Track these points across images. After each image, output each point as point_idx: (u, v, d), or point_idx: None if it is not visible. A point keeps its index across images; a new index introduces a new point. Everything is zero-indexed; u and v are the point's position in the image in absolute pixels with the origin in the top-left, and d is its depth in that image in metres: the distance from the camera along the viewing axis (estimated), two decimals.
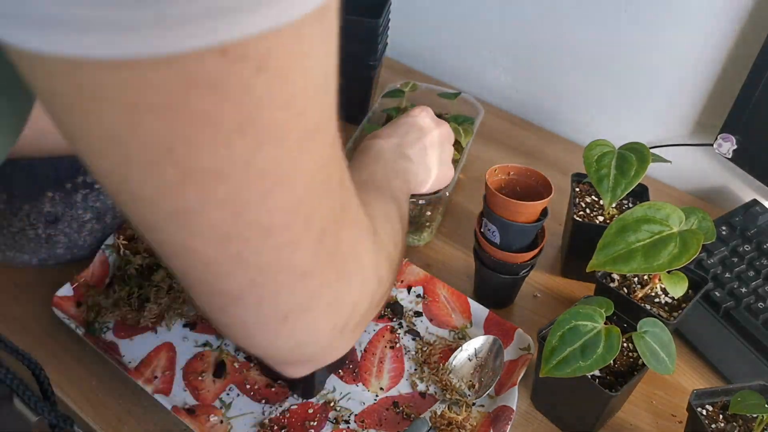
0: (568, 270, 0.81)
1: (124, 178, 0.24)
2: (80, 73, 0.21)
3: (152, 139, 0.22)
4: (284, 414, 0.64)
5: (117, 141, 0.23)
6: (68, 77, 0.21)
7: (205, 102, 0.22)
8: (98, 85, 0.21)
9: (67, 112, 0.23)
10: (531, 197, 0.69)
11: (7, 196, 0.68)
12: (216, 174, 0.24)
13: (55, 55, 0.20)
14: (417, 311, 0.75)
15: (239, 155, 0.23)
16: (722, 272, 0.78)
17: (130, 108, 0.21)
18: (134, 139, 0.22)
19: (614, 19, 0.94)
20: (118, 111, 0.21)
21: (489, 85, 1.12)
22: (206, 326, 0.71)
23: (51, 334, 0.69)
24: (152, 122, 0.22)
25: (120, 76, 0.21)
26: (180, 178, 0.24)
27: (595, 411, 0.62)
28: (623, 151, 0.71)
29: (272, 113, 0.23)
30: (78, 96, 0.21)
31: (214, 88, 0.21)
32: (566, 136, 1.07)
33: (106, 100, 0.21)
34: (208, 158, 0.23)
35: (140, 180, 0.24)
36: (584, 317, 0.58)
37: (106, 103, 0.21)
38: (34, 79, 0.22)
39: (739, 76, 0.84)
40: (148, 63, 0.20)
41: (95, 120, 0.22)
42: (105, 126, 0.22)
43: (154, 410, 0.64)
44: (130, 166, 0.23)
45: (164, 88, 0.21)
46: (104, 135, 0.23)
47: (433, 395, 0.67)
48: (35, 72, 0.22)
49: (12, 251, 0.74)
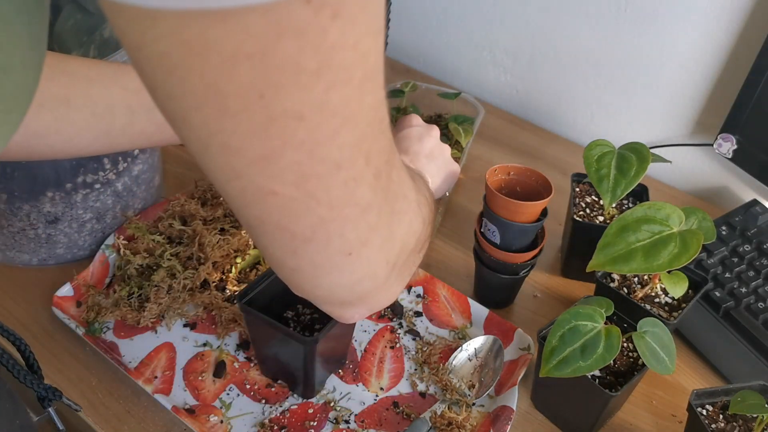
0: (568, 270, 0.81)
1: (217, 129, 0.27)
2: (189, 28, 0.23)
3: (246, 86, 0.25)
4: (284, 414, 0.64)
5: (215, 91, 0.25)
6: (177, 35, 0.23)
7: (291, 48, 0.24)
8: (204, 38, 0.23)
9: (171, 72, 0.25)
10: (531, 197, 0.69)
11: (7, 196, 0.68)
12: (297, 116, 0.26)
13: (170, 9, 0.22)
14: (417, 311, 0.75)
15: (316, 96, 0.26)
16: (722, 272, 0.78)
17: (230, 58, 0.24)
18: (231, 87, 0.25)
19: (614, 19, 0.94)
20: (220, 62, 0.24)
21: (489, 85, 1.12)
22: (206, 326, 0.71)
23: (51, 334, 0.69)
24: (248, 70, 0.24)
25: (224, 28, 0.23)
26: (267, 122, 0.26)
27: (595, 411, 0.62)
28: (623, 151, 0.71)
29: (343, 55, 0.26)
30: (185, 52, 0.24)
31: (299, 34, 0.24)
32: (566, 136, 1.07)
33: (210, 52, 0.24)
34: (291, 101, 0.26)
35: (231, 129, 0.27)
36: (584, 317, 0.58)
37: (209, 55, 0.24)
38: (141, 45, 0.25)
39: (739, 76, 0.84)
40: (248, 12, 0.23)
41: (197, 74, 0.25)
42: (206, 79, 0.25)
43: (154, 410, 0.64)
44: (224, 115, 0.26)
45: (260, 36, 0.23)
46: (204, 88, 0.25)
47: (433, 395, 0.67)
48: (145, 36, 0.24)
49: (12, 251, 0.74)
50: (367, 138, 0.30)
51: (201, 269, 0.72)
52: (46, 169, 0.67)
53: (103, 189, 0.72)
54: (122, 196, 0.75)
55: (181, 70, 0.25)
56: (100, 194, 0.72)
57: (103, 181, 0.72)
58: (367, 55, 0.27)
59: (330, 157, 0.29)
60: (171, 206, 0.79)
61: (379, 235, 0.35)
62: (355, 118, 0.29)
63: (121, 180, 0.74)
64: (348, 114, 0.28)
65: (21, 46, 0.30)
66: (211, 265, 0.73)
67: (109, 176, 0.72)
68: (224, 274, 0.75)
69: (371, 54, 0.28)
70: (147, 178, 0.78)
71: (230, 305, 0.72)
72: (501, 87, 1.11)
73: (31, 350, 0.53)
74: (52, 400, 0.53)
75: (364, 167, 0.31)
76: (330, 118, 0.27)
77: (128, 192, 0.76)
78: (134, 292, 0.71)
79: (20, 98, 0.32)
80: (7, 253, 0.74)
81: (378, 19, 0.28)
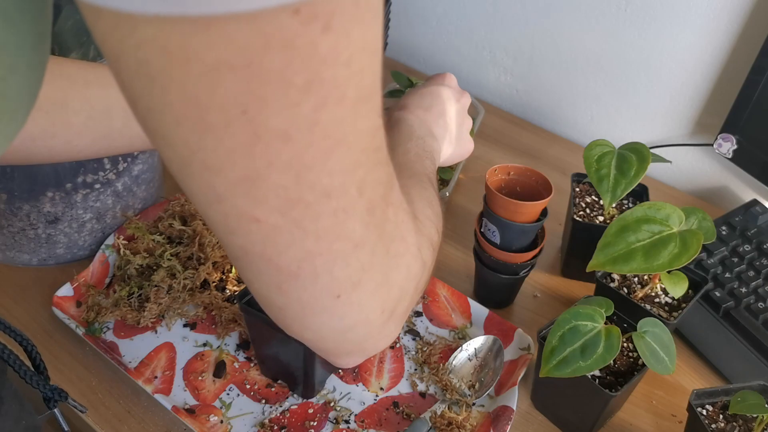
0: (568, 270, 0.81)
1: (198, 146, 0.25)
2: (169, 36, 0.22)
3: (229, 100, 0.24)
4: (284, 414, 0.64)
5: (196, 105, 0.24)
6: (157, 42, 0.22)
7: (278, 61, 0.23)
8: (186, 46, 0.22)
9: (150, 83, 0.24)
10: (531, 197, 0.69)
11: (7, 196, 0.68)
12: (283, 135, 0.25)
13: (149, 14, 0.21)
14: (417, 311, 0.75)
15: (305, 114, 0.25)
16: (722, 272, 0.78)
17: (212, 69, 0.23)
18: (213, 101, 0.24)
19: (614, 19, 0.94)
20: (201, 73, 0.23)
21: (489, 85, 1.12)
22: (206, 326, 0.71)
23: (51, 334, 0.69)
24: (231, 83, 0.23)
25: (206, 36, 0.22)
26: (250, 140, 0.25)
27: (595, 411, 0.62)
28: (623, 151, 0.71)
29: (335, 71, 0.25)
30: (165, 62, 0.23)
31: (287, 46, 0.23)
32: (566, 136, 1.07)
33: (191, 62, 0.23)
34: (277, 118, 0.24)
35: (213, 146, 0.25)
36: (584, 317, 0.58)
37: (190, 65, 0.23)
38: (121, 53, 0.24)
39: (739, 76, 0.84)
40: (232, 20, 0.22)
41: (178, 86, 0.24)
42: (187, 91, 0.24)
43: (154, 410, 0.64)
44: (205, 131, 0.25)
45: (244, 47, 0.22)
46: (184, 101, 0.24)
47: (433, 395, 0.67)
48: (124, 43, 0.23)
49: (12, 251, 0.74)
50: (360, 166, 0.28)
51: (201, 269, 0.72)
52: (46, 169, 0.67)
53: (103, 189, 0.72)
54: (122, 196, 0.75)
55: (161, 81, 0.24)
56: (100, 194, 0.73)
57: (103, 181, 0.72)
58: (362, 74, 0.26)
59: (319, 183, 0.27)
60: (171, 206, 0.79)
61: (372, 278, 0.32)
62: (348, 142, 0.27)
63: (121, 180, 0.74)
64: (340, 137, 0.26)
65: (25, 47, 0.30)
66: (211, 265, 0.73)
67: (109, 176, 0.72)
68: (224, 274, 0.75)
69: (366, 73, 0.26)
70: (147, 178, 0.78)
71: (230, 305, 0.72)
72: (501, 87, 1.11)
73: (37, 351, 0.53)
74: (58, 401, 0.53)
75: (357, 198, 0.29)
76: (320, 139, 0.26)
77: (128, 192, 0.76)
78: (134, 292, 0.71)
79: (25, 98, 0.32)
80: (7, 253, 0.74)
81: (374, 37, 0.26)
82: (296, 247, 0.29)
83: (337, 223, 0.29)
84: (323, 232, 0.29)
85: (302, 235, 0.28)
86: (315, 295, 0.31)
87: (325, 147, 0.26)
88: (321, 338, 0.35)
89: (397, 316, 0.36)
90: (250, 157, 0.25)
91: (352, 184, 0.28)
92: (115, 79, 0.25)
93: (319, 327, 0.34)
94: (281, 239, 0.29)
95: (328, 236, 0.29)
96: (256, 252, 0.29)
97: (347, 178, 0.28)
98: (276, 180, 0.26)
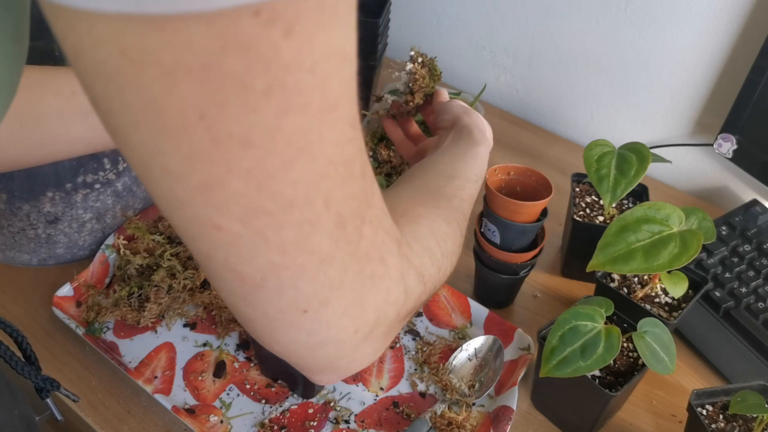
0: (568, 270, 0.81)
1: (156, 150, 0.25)
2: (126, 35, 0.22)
3: (186, 103, 0.23)
4: (284, 414, 0.64)
5: (153, 107, 0.23)
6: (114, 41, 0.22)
7: (237, 64, 0.22)
8: (142, 47, 0.22)
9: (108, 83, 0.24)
10: (531, 197, 0.69)
11: (7, 196, 0.68)
12: (243, 141, 0.24)
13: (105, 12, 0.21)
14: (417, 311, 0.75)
15: (265, 121, 0.24)
16: (722, 272, 0.78)
17: (169, 70, 0.22)
18: (170, 104, 0.23)
19: (614, 19, 0.94)
20: (158, 74, 0.22)
21: (489, 85, 1.12)
22: (206, 326, 0.71)
23: (51, 334, 0.69)
24: (188, 85, 0.23)
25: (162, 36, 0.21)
26: (209, 146, 0.24)
27: (595, 411, 0.62)
28: (623, 151, 0.71)
29: (298, 77, 0.24)
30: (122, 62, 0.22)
31: (246, 49, 0.22)
32: (566, 136, 1.07)
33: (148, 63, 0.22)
34: (237, 124, 0.24)
35: (171, 151, 0.25)
36: (584, 317, 0.58)
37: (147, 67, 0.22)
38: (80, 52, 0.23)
39: (739, 76, 0.84)
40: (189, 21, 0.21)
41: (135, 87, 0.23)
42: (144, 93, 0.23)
43: (154, 410, 0.64)
44: (162, 135, 0.24)
45: (202, 48, 0.22)
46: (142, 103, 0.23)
47: (433, 395, 0.67)
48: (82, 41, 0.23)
49: (12, 251, 0.74)
50: (327, 177, 0.27)
51: (201, 269, 0.72)
52: (46, 169, 0.67)
53: (103, 189, 0.72)
54: (122, 196, 0.75)
55: (118, 82, 0.23)
56: (100, 194, 0.72)
57: (103, 181, 0.72)
58: (327, 82, 0.25)
59: (282, 192, 0.26)
60: None
61: (343, 296, 0.31)
62: (312, 152, 0.26)
63: (121, 180, 0.74)
64: (303, 146, 0.25)
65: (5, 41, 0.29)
66: None
67: (109, 176, 0.72)
68: None
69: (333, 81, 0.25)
70: None
71: None
72: (501, 87, 1.11)
73: (28, 342, 0.53)
74: (50, 390, 0.53)
75: (323, 210, 0.28)
76: (282, 148, 0.25)
77: (128, 192, 0.76)
78: (134, 292, 0.71)
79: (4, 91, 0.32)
80: (7, 253, 0.74)
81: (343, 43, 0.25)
82: (260, 258, 0.28)
83: (301, 236, 0.28)
84: (288, 244, 0.28)
85: (265, 245, 0.27)
86: (281, 309, 0.30)
87: (287, 155, 0.25)
88: (290, 353, 0.34)
89: (374, 338, 0.35)
90: (209, 162, 0.25)
91: (318, 196, 0.27)
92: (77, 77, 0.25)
93: (287, 341, 0.33)
94: (244, 249, 0.28)
95: (293, 249, 0.28)
96: (220, 260, 0.29)
97: (311, 189, 0.27)
98: (236, 187, 0.25)
